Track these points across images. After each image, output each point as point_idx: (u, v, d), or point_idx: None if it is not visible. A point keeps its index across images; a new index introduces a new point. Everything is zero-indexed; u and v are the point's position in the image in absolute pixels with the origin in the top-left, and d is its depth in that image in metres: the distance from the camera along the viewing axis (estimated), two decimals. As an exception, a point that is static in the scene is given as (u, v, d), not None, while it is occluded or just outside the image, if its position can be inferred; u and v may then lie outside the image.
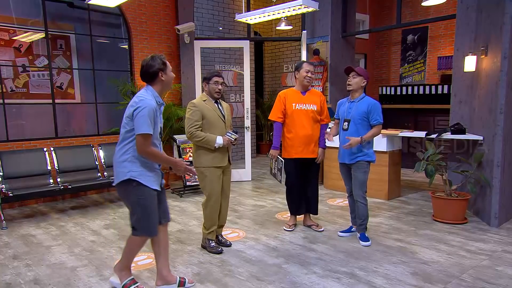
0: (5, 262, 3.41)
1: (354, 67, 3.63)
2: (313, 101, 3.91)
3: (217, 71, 3.57)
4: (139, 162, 2.60)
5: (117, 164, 2.64)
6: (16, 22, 5.34)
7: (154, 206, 2.68)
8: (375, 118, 3.57)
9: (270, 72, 9.87)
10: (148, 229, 2.67)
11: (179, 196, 5.75)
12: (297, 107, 3.88)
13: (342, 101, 3.85)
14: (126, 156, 2.60)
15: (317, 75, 6.37)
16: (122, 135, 2.63)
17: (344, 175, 3.88)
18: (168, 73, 2.68)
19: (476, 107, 4.58)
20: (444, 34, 8.46)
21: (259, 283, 2.93)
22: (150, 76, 2.62)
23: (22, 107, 5.48)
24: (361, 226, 3.72)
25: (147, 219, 2.64)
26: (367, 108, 3.56)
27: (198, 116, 3.40)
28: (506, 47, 3.81)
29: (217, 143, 3.38)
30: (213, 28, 7.95)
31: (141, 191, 2.61)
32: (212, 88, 3.47)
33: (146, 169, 2.62)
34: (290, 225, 4.12)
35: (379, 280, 2.94)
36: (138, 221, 2.64)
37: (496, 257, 3.34)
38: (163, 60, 2.64)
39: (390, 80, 9.60)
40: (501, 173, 4.00)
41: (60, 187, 4.82)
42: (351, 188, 3.83)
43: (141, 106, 2.50)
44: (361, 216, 3.69)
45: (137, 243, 2.74)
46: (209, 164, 3.44)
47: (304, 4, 4.64)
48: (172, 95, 6.64)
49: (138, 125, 2.50)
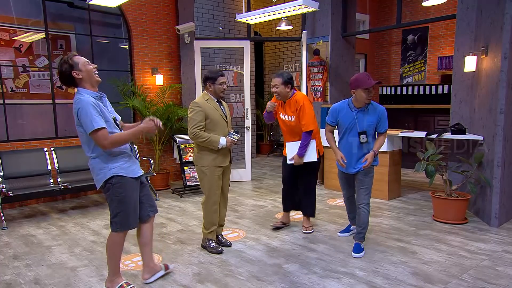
0: (6, 262, 3.41)
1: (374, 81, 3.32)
2: (291, 113, 3.77)
3: (221, 71, 3.51)
4: (111, 157, 2.61)
5: (93, 169, 2.65)
6: (17, 22, 5.34)
7: (135, 199, 2.72)
8: (384, 126, 3.42)
9: (270, 72, 9.87)
10: (127, 224, 2.71)
11: (179, 196, 5.75)
12: (281, 116, 3.88)
13: (340, 107, 3.49)
14: (97, 159, 2.60)
15: (317, 75, 6.37)
16: (84, 144, 2.61)
17: (344, 182, 3.71)
18: (81, 69, 2.54)
19: (477, 107, 4.58)
20: (444, 34, 8.46)
21: (259, 283, 2.93)
22: (68, 80, 2.57)
23: (23, 107, 5.48)
24: (359, 235, 3.50)
25: (128, 214, 2.68)
26: (377, 117, 3.38)
27: (202, 116, 3.37)
28: (506, 47, 3.81)
29: (220, 144, 3.37)
30: (213, 28, 7.95)
31: (123, 187, 2.63)
32: (218, 88, 3.44)
33: (122, 161, 2.64)
34: (277, 222, 4.19)
35: (379, 280, 2.94)
36: (118, 216, 2.67)
37: (496, 257, 3.33)
38: (69, 61, 2.54)
39: (391, 80, 9.60)
40: (501, 173, 4.00)
41: (60, 187, 4.83)
42: (349, 193, 3.76)
43: (79, 107, 2.47)
44: (362, 224, 3.48)
45: (117, 241, 2.74)
46: (211, 164, 3.43)
47: (304, 4, 4.64)
48: (172, 95, 6.64)
49: (86, 125, 2.47)
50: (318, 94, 6.40)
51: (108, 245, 2.76)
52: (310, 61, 6.39)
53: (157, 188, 6.05)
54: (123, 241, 2.77)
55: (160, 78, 6.41)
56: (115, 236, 2.72)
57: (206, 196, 3.50)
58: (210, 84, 3.44)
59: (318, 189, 6.04)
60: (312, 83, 6.45)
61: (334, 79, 6.36)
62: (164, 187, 6.22)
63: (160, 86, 6.41)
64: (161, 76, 6.43)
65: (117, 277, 2.81)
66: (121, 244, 2.77)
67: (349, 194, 3.78)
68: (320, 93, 6.37)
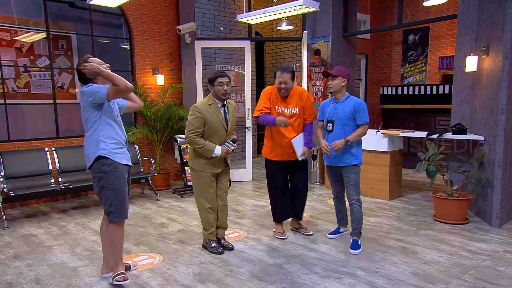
0: (7, 262, 3.41)
1: (329, 71, 3.50)
2: (295, 104, 3.65)
3: (221, 71, 3.42)
4: (106, 141, 2.78)
5: (86, 149, 2.82)
6: (18, 22, 5.35)
7: (125, 187, 2.86)
8: (362, 119, 3.43)
9: (271, 72, 9.87)
10: (123, 211, 2.85)
11: (180, 196, 5.75)
12: (279, 110, 3.65)
13: (326, 102, 3.67)
14: (92, 139, 2.78)
15: (318, 75, 6.37)
16: (85, 123, 2.82)
17: (331, 177, 3.74)
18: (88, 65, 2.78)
19: (477, 107, 4.57)
20: (445, 34, 8.45)
21: (260, 283, 2.93)
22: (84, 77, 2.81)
23: (24, 107, 5.49)
24: (355, 231, 3.54)
25: (122, 201, 2.83)
26: (353, 108, 3.43)
27: (200, 123, 3.31)
28: (507, 47, 3.80)
29: (214, 153, 3.33)
30: (214, 28, 7.95)
31: (116, 175, 2.78)
32: (218, 90, 3.33)
33: (113, 147, 2.80)
34: (282, 233, 3.89)
35: (380, 280, 2.94)
36: (112, 205, 2.81)
37: (498, 257, 3.33)
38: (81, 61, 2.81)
39: (391, 80, 9.59)
40: (502, 173, 4.00)
41: (61, 187, 4.84)
42: (337, 190, 3.77)
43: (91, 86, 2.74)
44: (356, 219, 3.51)
45: (117, 231, 2.88)
46: (202, 168, 3.41)
47: (305, 4, 4.63)
48: (173, 95, 6.64)
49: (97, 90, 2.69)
50: (319, 94, 6.40)
51: (109, 236, 2.89)
52: (311, 61, 6.39)
53: (158, 188, 6.05)
54: (123, 230, 2.93)
55: (161, 78, 6.41)
56: (115, 227, 2.86)
57: (195, 197, 3.51)
58: (210, 87, 3.38)
59: (319, 189, 6.06)
60: (313, 83, 6.45)
61: (335, 79, 6.34)
62: (165, 187, 6.23)
63: (161, 86, 6.41)
64: (162, 76, 6.44)
65: (118, 267, 2.91)
66: (122, 232, 2.92)
67: (337, 191, 3.80)
68: (321, 93, 6.37)
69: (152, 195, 5.79)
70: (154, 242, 3.84)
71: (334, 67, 3.58)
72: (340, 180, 3.73)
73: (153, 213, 4.91)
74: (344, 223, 3.93)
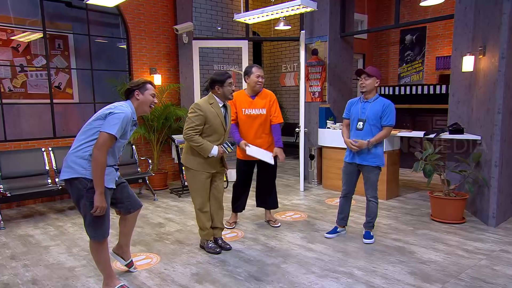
0: (3, 263, 3.40)
1: (364, 69, 3.55)
2: (263, 105, 3.91)
3: (227, 72, 3.41)
4: None
5: (71, 158, 2.55)
6: (14, 22, 5.33)
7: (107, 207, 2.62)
8: (387, 120, 3.52)
9: (268, 72, 9.88)
10: (101, 233, 2.64)
11: (178, 196, 5.75)
12: (247, 112, 3.91)
13: (353, 100, 3.75)
14: (84, 154, 2.54)
15: (315, 75, 6.38)
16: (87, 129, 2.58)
17: (347, 175, 3.76)
18: (145, 94, 2.75)
19: (474, 107, 4.59)
20: (442, 34, 8.49)
21: (257, 283, 2.93)
22: (128, 93, 2.75)
23: (20, 107, 5.47)
24: (369, 224, 3.76)
25: (101, 222, 2.61)
26: (381, 108, 3.52)
27: (201, 121, 3.29)
28: (504, 47, 3.82)
29: (211, 153, 3.32)
30: (212, 28, 7.95)
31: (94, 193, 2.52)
32: (228, 90, 3.36)
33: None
34: (231, 223, 4.26)
35: (378, 279, 2.95)
36: (91, 225, 2.59)
37: (494, 256, 3.35)
38: (143, 81, 2.77)
39: (389, 80, 9.62)
40: (499, 173, 4.02)
41: (58, 187, 4.82)
42: (349, 189, 3.80)
43: (120, 111, 2.57)
44: (371, 214, 3.72)
45: (100, 248, 2.69)
46: (197, 167, 3.39)
47: (302, 4, 4.64)
48: (170, 95, 6.63)
49: (109, 124, 2.52)
50: (316, 94, 6.41)
51: (93, 253, 2.72)
52: (309, 61, 6.40)
53: (156, 188, 6.04)
54: (106, 246, 2.72)
55: (158, 78, 6.40)
56: (96, 244, 2.67)
57: (192, 197, 3.50)
58: (218, 88, 3.35)
59: (316, 189, 6.06)
60: (311, 83, 6.46)
61: (332, 79, 6.36)
62: (163, 187, 6.22)
63: (158, 86, 6.40)
64: (159, 76, 6.43)
65: (113, 280, 2.81)
66: (105, 249, 2.72)
67: (347, 191, 3.81)
68: (318, 93, 6.38)
69: (150, 195, 5.78)
70: (152, 242, 3.83)
71: (368, 67, 3.64)
72: (355, 180, 3.77)
73: (151, 213, 4.90)
74: (344, 223, 3.93)
